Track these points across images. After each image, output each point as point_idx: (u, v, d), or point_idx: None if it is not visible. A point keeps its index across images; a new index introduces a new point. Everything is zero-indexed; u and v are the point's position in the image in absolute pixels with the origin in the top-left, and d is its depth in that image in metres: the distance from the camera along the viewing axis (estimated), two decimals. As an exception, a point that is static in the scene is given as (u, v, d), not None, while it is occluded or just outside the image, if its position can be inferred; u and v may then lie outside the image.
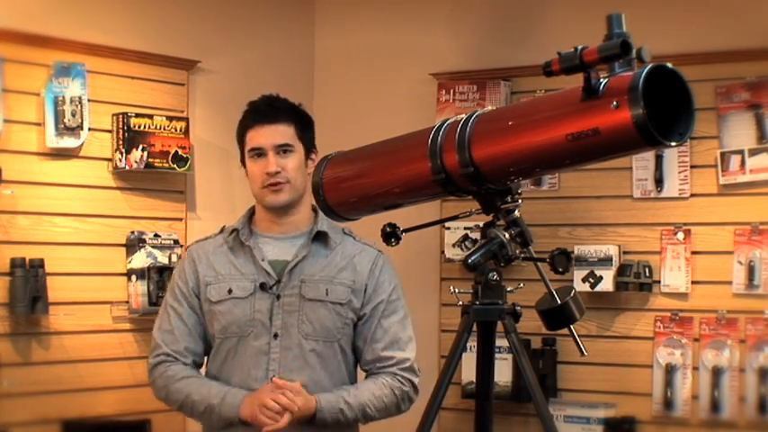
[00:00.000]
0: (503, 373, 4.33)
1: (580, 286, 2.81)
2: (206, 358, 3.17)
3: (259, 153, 3.07)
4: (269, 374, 3.01)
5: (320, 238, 3.11)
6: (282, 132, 3.08)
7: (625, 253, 4.38)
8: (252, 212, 3.18)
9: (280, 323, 3.03)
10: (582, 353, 2.58)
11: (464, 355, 2.60)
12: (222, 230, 3.19)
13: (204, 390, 3.04)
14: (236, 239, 3.12)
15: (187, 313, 3.11)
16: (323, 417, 2.96)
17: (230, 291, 3.07)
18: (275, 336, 3.02)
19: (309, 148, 3.13)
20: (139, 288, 4.20)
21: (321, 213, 3.02)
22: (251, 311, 3.04)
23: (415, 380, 3.10)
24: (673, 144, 2.29)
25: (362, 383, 3.10)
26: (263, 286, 3.05)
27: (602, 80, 2.27)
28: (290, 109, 3.13)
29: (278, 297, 3.05)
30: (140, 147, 4.22)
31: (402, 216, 2.79)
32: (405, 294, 3.17)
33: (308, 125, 3.15)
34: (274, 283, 3.05)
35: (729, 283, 4.18)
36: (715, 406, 4.15)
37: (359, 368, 3.16)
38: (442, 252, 4.71)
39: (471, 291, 2.60)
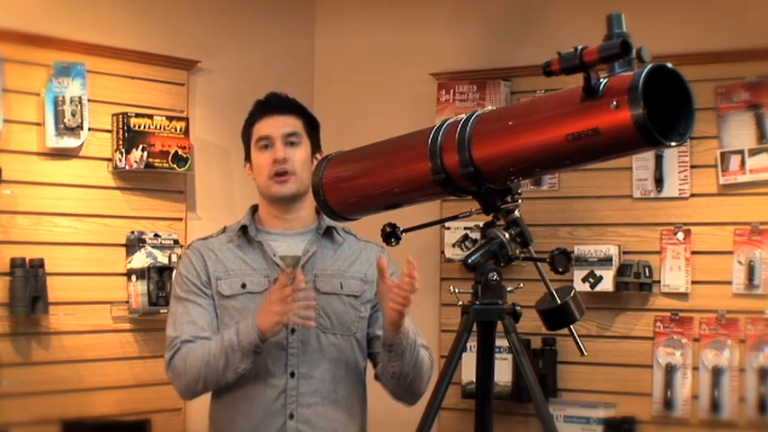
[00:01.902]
0: (503, 373, 4.33)
1: (580, 286, 2.82)
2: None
3: (266, 144, 3.07)
4: (288, 369, 2.98)
5: (327, 234, 3.12)
6: (291, 123, 3.09)
7: (625, 253, 4.38)
8: (254, 210, 3.17)
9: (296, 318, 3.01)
10: (582, 353, 2.57)
11: (464, 355, 2.59)
12: (224, 230, 3.16)
13: (217, 340, 2.95)
14: (243, 236, 3.10)
15: (207, 302, 3.03)
16: (407, 326, 2.92)
17: (244, 285, 3.04)
18: (292, 331, 2.99)
19: (315, 146, 3.14)
20: (139, 288, 4.20)
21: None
22: None
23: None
24: (673, 144, 2.28)
25: None
26: (276, 281, 3.03)
27: (602, 80, 2.27)
28: (300, 105, 3.16)
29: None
30: (140, 147, 4.22)
31: (402, 216, 2.79)
32: None
33: (315, 124, 3.17)
34: None
35: (729, 283, 4.18)
36: (715, 406, 4.15)
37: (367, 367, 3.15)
38: (442, 252, 4.71)
39: (471, 291, 2.59)
